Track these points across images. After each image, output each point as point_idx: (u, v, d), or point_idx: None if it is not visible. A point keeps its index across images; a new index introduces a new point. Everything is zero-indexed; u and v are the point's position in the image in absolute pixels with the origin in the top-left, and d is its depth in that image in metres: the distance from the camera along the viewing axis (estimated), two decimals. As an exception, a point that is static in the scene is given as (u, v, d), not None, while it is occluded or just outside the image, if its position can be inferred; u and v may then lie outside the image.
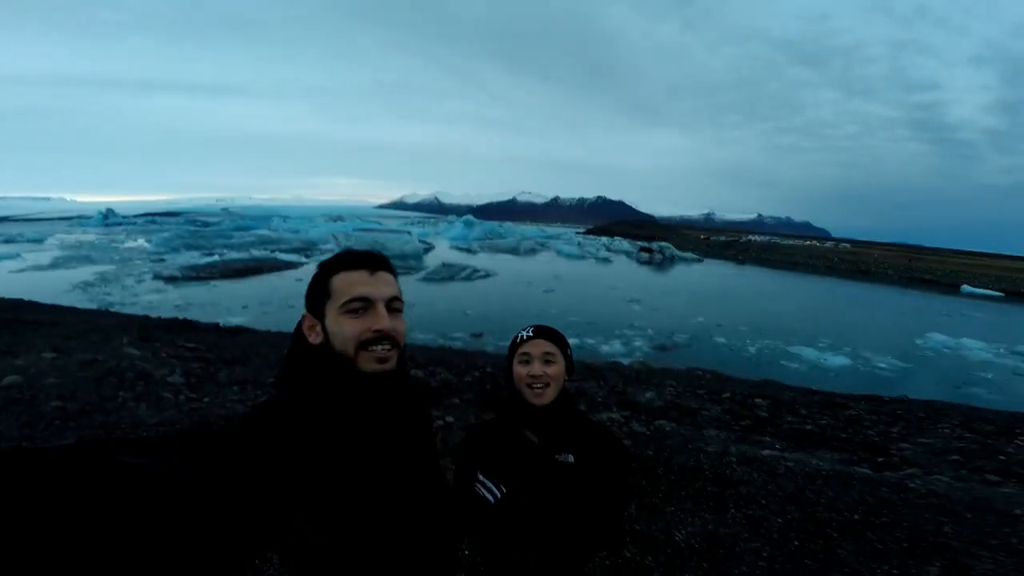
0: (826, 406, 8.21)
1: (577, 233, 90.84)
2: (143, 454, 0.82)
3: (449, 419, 4.77)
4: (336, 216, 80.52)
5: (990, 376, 13.80)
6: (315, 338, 0.95)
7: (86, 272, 23.09)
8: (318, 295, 0.96)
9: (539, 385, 1.24)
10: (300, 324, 0.98)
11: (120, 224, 55.09)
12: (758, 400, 7.92)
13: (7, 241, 38.13)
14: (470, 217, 63.02)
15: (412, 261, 33.37)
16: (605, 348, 13.66)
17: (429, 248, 43.16)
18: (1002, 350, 16.66)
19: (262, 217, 63.33)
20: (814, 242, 72.57)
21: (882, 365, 14.02)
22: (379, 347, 0.93)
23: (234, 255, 31.24)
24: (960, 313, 27.36)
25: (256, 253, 32.91)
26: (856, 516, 3.30)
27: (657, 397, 7.02)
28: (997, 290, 40.32)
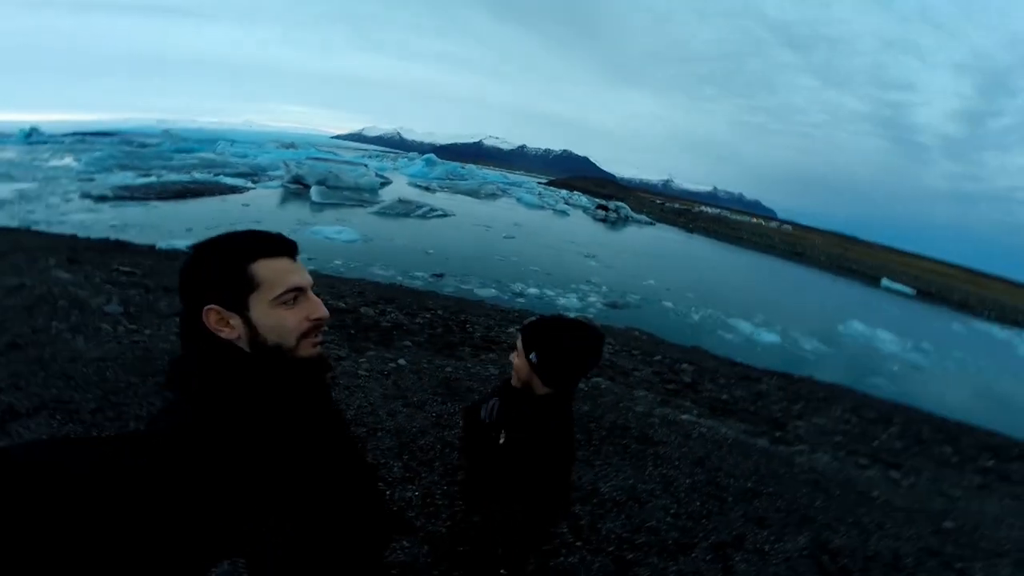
0: (742, 378, 8.92)
1: (540, 183, 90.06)
2: (95, 456, 0.68)
3: (401, 362, 4.90)
4: (288, 143, 75.23)
5: (894, 368, 15.13)
6: (230, 332, 0.85)
7: (4, 190, 20.68)
8: (234, 285, 0.84)
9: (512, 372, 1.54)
10: (203, 318, 0.84)
11: (45, 143, 49.03)
12: (685, 366, 8.53)
13: None
14: (431, 155, 60.85)
15: (367, 194, 32.19)
16: (561, 301, 14.04)
17: (386, 183, 41.68)
18: (908, 345, 18.25)
19: (207, 140, 58.13)
20: (760, 220, 76.16)
21: (806, 346, 15.05)
22: (318, 335, 0.92)
23: (173, 177, 28.87)
24: (879, 306, 29.88)
25: (198, 176, 30.56)
26: (749, 484, 3.76)
27: None
28: (911, 287, 43.71)
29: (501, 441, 1.50)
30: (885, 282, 43.86)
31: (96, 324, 4.60)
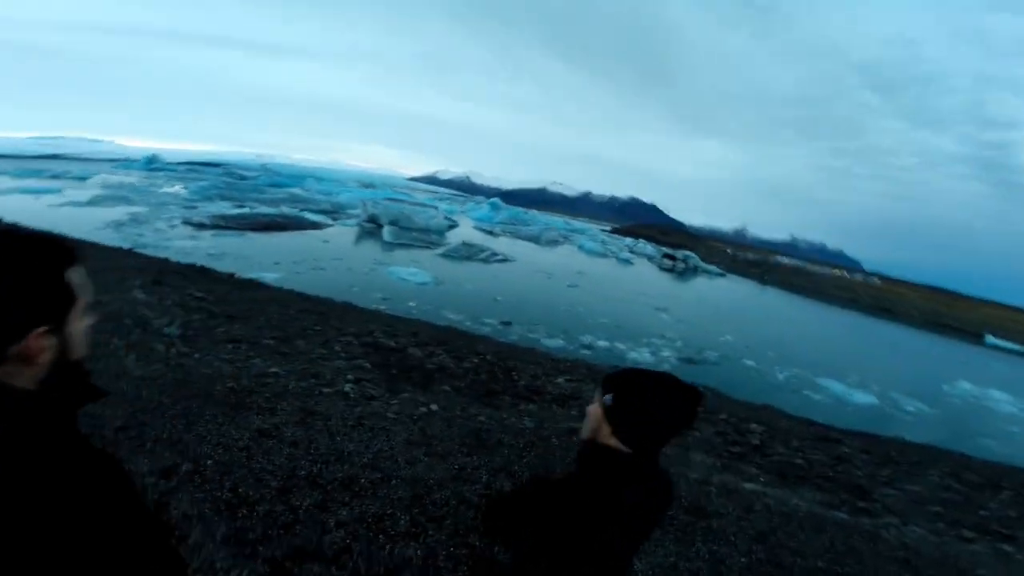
0: (820, 439, 8.07)
1: (603, 231, 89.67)
2: None
3: (434, 407, 4.63)
4: (368, 183, 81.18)
5: (1012, 429, 13.46)
6: (46, 357, 0.74)
7: (120, 212, 23.71)
8: (59, 298, 0.76)
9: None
10: (26, 344, 0.72)
11: (162, 170, 56.66)
12: (753, 426, 7.71)
13: (53, 177, 39.35)
14: (497, 200, 62.86)
15: (435, 236, 33.59)
16: (632, 354, 13.45)
17: (453, 225, 43.25)
18: None
19: (297, 176, 64.29)
20: (844, 272, 70.36)
21: (908, 408, 13.73)
22: None
23: (263, 209, 32.00)
24: (985, 364, 26.66)
25: (285, 210, 33.59)
26: (820, 564, 3.21)
27: None
28: (1019, 344, 38.77)
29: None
30: (990, 339, 39.47)
31: (151, 344, 4.79)
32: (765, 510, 3.83)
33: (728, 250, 69.84)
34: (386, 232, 30.79)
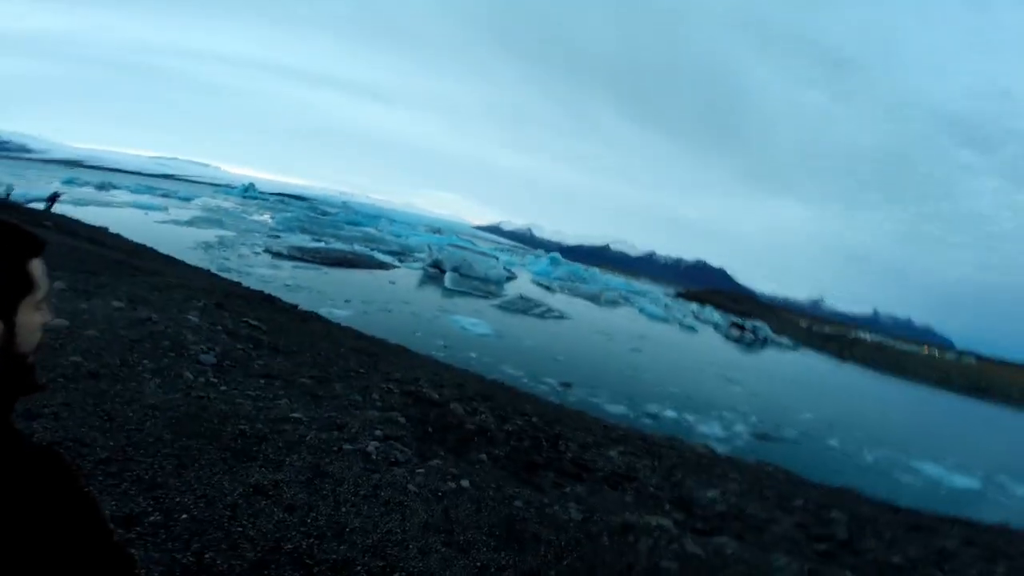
0: (912, 528, 6.98)
1: (666, 294, 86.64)
2: None
3: (464, 483, 3.89)
4: (436, 228, 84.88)
5: None
6: None
7: (212, 234, 25.84)
8: (12, 284, 0.74)
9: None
10: None
11: (256, 198, 62.55)
12: (835, 514, 6.60)
13: (164, 195, 44.37)
14: (556, 255, 62.86)
15: (493, 286, 33.86)
16: (702, 428, 12.42)
17: (511, 277, 43.48)
18: None
19: (373, 216, 68.49)
20: (933, 350, 63.28)
21: (1018, 492, 12.40)
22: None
23: (338, 245, 34.14)
24: None
25: (358, 248, 35.54)
26: None
27: (719, 497, 5.77)
28: None
29: None
30: None
31: (180, 370, 4.52)
32: None
33: (802, 322, 64.69)
34: (448, 278, 31.45)
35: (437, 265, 35.05)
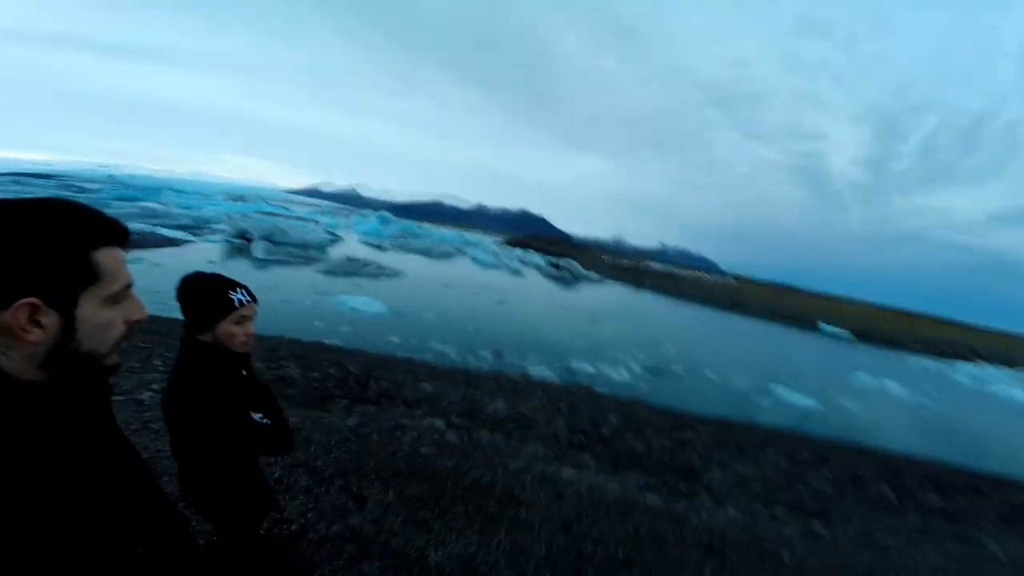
0: (674, 427, 8.38)
1: (496, 243, 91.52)
2: None
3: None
4: (238, 196, 73.91)
5: (852, 406, 15.29)
6: (38, 336, 0.66)
7: None
8: (71, 276, 0.68)
9: (251, 341, 1.59)
10: (8, 314, 0.64)
11: None
12: (612, 418, 7.93)
13: None
14: (385, 213, 61.16)
15: (314, 251, 31.54)
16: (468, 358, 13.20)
17: (336, 240, 41.05)
18: (864, 384, 19.16)
19: (152, 189, 56.53)
20: (705, 274, 79.95)
21: (762, 392, 14.91)
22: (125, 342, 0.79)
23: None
24: (821, 349, 31.38)
25: (135, 226, 29.22)
26: (621, 552, 3.18)
27: (506, 408, 6.84)
28: (846, 330, 47.05)
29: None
30: (822, 326, 46.88)
31: None
32: (575, 497, 3.80)
33: (606, 258, 75.50)
34: (257, 248, 28.17)
35: (243, 235, 31.04)
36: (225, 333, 1.49)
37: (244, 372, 1.61)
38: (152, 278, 17.36)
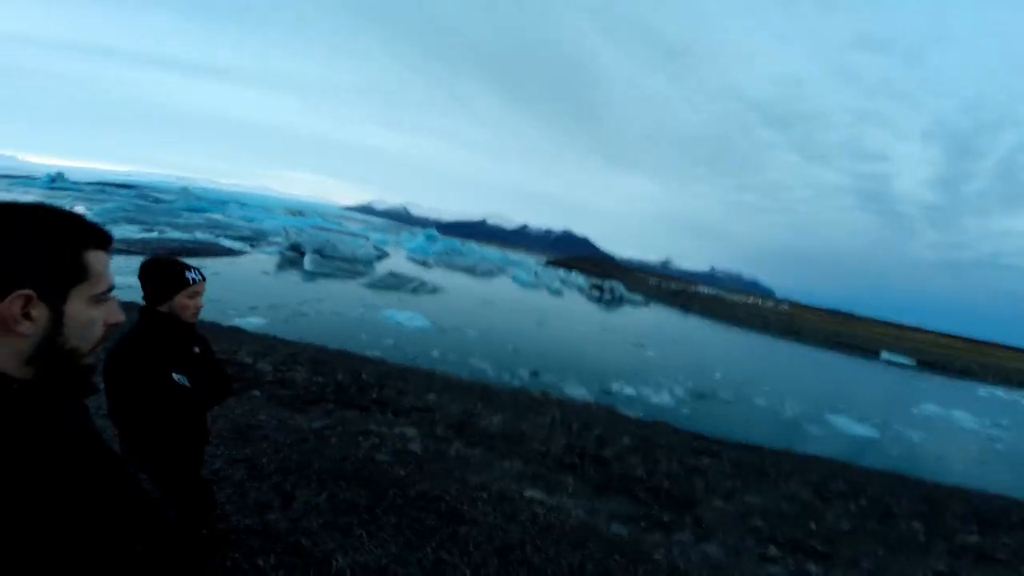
0: (696, 452, 7.79)
1: (538, 263, 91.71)
2: None
3: (238, 411, 4.36)
4: (296, 211, 78.38)
5: (911, 438, 14.18)
6: (28, 329, 0.69)
7: None
8: (64, 272, 0.73)
9: (198, 312, 1.92)
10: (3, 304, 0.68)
11: (67, 189, 51.98)
12: (626, 440, 7.45)
13: None
14: (432, 231, 62.75)
15: (361, 266, 32.81)
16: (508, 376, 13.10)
17: (383, 256, 42.51)
18: (920, 413, 17.83)
19: (220, 202, 61.18)
20: (758, 300, 76.37)
21: (811, 420, 14.14)
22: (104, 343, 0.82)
23: (175, 235, 30.02)
24: (880, 376, 29.41)
25: (199, 236, 31.65)
26: None
27: (502, 422, 6.60)
28: (910, 359, 44.39)
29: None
30: (885, 355, 44.59)
31: None
32: (529, 520, 3.53)
33: (652, 281, 73.63)
34: (308, 261, 29.65)
35: (296, 248, 32.83)
36: (180, 305, 1.82)
37: (197, 349, 1.92)
38: (210, 285, 18.56)
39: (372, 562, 2.57)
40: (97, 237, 0.79)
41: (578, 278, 61.02)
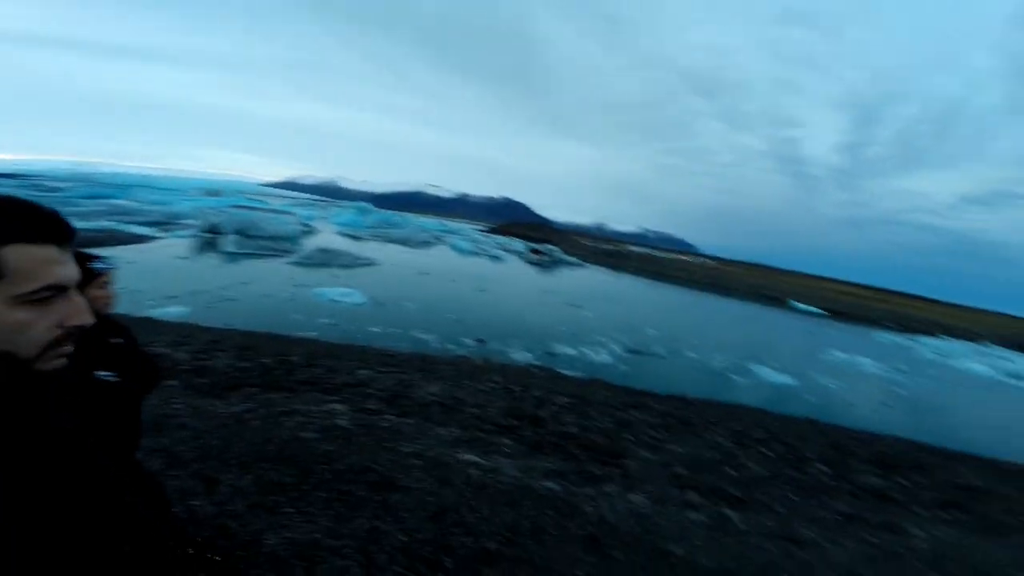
0: (630, 406, 7.99)
1: (479, 231, 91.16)
2: None
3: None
4: (213, 191, 72.30)
5: (829, 383, 15.44)
6: None
7: None
8: None
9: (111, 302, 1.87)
10: None
11: None
12: (560, 398, 7.64)
13: None
14: (365, 204, 60.39)
15: (287, 244, 31.19)
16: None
17: (311, 232, 40.52)
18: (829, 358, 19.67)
19: (125, 186, 55.09)
20: (685, 257, 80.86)
21: (755, 369, 15.20)
22: (69, 344, 0.76)
23: (76, 224, 26.70)
24: (793, 324, 32.21)
25: (105, 223, 28.56)
26: (492, 545, 2.93)
27: (439, 391, 6.63)
28: (820, 308, 48.34)
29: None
30: (800, 305, 48.49)
31: None
32: (463, 483, 3.58)
33: (587, 243, 75.72)
34: (229, 242, 27.70)
35: (214, 229, 30.50)
36: (91, 298, 1.72)
37: (121, 339, 1.87)
38: (119, 276, 16.83)
39: (303, 537, 2.58)
40: (28, 230, 0.72)
41: (517, 243, 61.47)
